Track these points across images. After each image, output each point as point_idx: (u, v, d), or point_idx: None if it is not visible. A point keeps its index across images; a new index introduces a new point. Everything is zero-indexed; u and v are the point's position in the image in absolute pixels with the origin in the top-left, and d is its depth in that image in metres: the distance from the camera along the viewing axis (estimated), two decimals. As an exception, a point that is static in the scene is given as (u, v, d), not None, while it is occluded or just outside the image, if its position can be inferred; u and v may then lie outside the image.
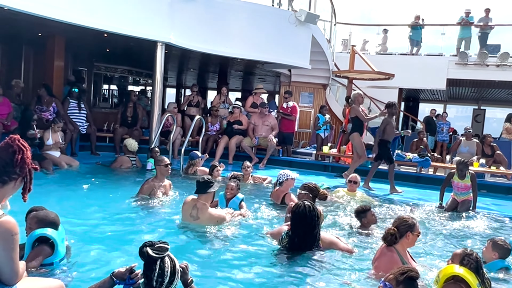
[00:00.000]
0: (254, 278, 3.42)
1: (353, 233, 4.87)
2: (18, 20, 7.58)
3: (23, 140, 2.41)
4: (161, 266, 2.35)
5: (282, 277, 3.46)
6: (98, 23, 7.68)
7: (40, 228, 3.11)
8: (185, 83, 20.42)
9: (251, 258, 3.83)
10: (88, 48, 11.18)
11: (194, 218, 4.54)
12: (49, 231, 3.11)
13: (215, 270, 3.52)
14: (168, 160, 5.90)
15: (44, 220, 3.16)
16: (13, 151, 2.33)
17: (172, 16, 8.80)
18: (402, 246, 3.58)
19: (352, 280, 3.50)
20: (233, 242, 4.25)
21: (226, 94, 11.93)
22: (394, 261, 3.49)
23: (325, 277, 3.48)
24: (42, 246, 3.10)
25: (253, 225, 4.89)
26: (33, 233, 3.09)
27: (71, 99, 9.40)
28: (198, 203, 4.58)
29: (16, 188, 2.37)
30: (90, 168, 8.26)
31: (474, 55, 14.07)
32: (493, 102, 19.86)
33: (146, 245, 2.38)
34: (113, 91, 16.90)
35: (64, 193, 5.94)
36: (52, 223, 3.17)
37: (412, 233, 3.55)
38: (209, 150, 10.37)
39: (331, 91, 13.78)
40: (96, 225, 4.49)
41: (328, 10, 12.98)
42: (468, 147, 10.13)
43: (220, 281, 3.32)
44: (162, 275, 2.35)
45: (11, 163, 2.31)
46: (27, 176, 2.37)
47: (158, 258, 2.35)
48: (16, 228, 2.25)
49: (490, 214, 6.53)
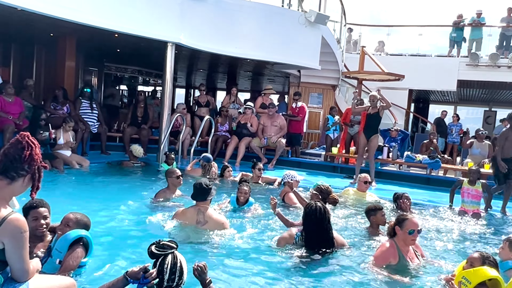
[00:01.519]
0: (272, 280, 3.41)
1: (359, 233, 4.87)
2: (30, 20, 7.67)
3: (33, 138, 2.41)
4: (170, 263, 2.37)
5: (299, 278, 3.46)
6: (109, 23, 7.74)
7: (78, 229, 3.11)
8: (194, 84, 20.47)
9: (266, 258, 3.84)
10: (99, 48, 11.28)
11: (201, 223, 4.33)
12: (84, 233, 3.12)
13: (232, 273, 3.50)
14: (179, 172, 5.80)
15: (81, 222, 3.18)
16: (21, 147, 2.33)
17: (182, 17, 8.84)
18: (399, 241, 3.66)
19: (355, 277, 3.52)
20: (248, 245, 4.21)
21: (235, 95, 11.96)
22: (386, 249, 3.63)
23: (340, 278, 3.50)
24: (80, 248, 3.08)
25: (267, 226, 4.90)
26: (72, 234, 3.08)
27: (83, 99, 9.48)
28: (202, 207, 4.38)
29: (25, 186, 2.36)
30: (101, 167, 8.33)
31: (486, 56, 13.93)
32: (504, 103, 19.63)
33: (152, 244, 2.41)
34: (123, 91, 17.02)
35: (74, 192, 6.01)
36: (87, 225, 3.21)
37: (401, 229, 3.60)
38: (218, 151, 10.39)
39: (341, 92, 13.73)
40: (106, 224, 4.51)
41: (338, 10, 12.95)
42: (480, 149, 10.04)
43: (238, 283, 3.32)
44: (162, 272, 2.37)
45: (19, 159, 2.30)
46: (36, 173, 2.36)
47: (160, 256, 2.37)
48: (25, 226, 2.26)
49: (502, 215, 6.47)
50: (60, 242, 3.08)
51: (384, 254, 3.65)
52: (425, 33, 15.92)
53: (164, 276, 2.38)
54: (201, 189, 4.35)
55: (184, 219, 4.41)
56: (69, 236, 3.07)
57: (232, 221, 4.79)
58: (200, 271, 2.56)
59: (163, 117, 9.21)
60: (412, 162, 9.57)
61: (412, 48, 16.22)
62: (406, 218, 3.68)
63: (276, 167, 9.84)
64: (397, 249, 3.62)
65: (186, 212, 4.46)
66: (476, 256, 3.18)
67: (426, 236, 4.86)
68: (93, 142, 9.76)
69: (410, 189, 8.28)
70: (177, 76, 16.83)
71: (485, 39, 14.55)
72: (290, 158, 10.74)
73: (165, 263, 2.39)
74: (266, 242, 4.29)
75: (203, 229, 4.31)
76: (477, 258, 3.15)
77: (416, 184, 9.03)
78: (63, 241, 3.07)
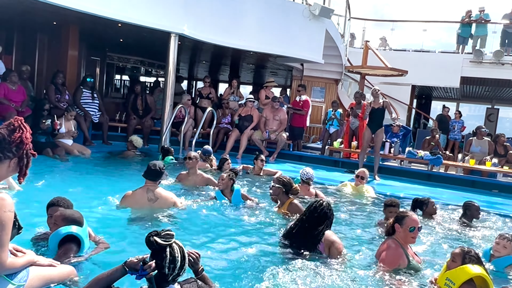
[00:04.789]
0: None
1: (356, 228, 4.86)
2: (33, 8, 7.63)
3: (26, 123, 2.37)
4: (171, 252, 2.37)
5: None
6: (113, 13, 7.70)
7: (67, 226, 3.11)
8: (196, 75, 20.43)
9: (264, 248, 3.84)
10: (102, 37, 11.23)
11: (153, 200, 4.50)
12: (74, 229, 3.10)
13: (225, 260, 3.53)
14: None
15: (69, 218, 3.17)
16: (13, 128, 2.31)
17: (186, 7, 8.80)
18: (399, 239, 3.56)
19: (359, 276, 3.43)
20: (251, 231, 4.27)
21: (236, 86, 11.94)
22: (394, 251, 3.49)
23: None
24: (70, 245, 3.09)
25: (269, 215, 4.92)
26: (60, 231, 3.08)
27: (84, 88, 9.47)
28: (151, 186, 4.54)
29: (11, 170, 2.32)
30: (102, 156, 8.34)
31: (490, 53, 13.86)
32: (507, 101, 19.58)
33: (152, 234, 2.37)
34: (125, 81, 16.98)
35: (75, 181, 6.00)
36: (77, 221, 3.19)
37: (401, 226, 3.52)
38: (219, 143, 10.39)
39: (343, 87, 13.68)
40: (106, 214, 4.50)
41: (342, 4, 12.89)
42: (480, 146, 10.03)
43: (230, 274, 3.32)
44: (174, 261, 2.36)
45: (8, 140, 2.27)
46: (24, 158, 2.32)
47: (167, 246, 2.37)
48: (9, 206, 2.20)
49: (502, 214, 6.46)
50: (50, 240, 3.11)
51: (392, 257, 3.47)
52: (429, 28, 15.88)
53: (176, 264, 2.36)
54: (155, 171, 4.52)
55: (134, 201, 4.52)
56: (58, 233, 3.08)
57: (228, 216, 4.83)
58: (193, 261, 2.57)
59: (165, 109, 9.19)
60: (413, 158, 9.56)
61: (416, 43, 16.18)
62: (406, 215, 3.57)
63: (277, 160, 9.84)
64: (403, 249, 3.50)
65: (135, 193, 4.57)
66: (457, 251, 3.10)
67: (427, 233, 4.86)
68: (94, 131, 9.76)
69: (411, 185, 8.33)
70: (180, 68, 16.80)
71: (489, 36, 14.48)
72: (291, 151, 10.74)
73: (175, 252, 2.37)
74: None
75: (156, 208, 4.48)
76: (458, 253, 3.07)
77: (417, 180, 9.02)
78: (53, 238, 3.09)
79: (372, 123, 8.72)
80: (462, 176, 9.51)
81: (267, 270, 3.31)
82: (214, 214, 4.83)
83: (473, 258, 2.99)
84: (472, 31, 14.62)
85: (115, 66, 14.87)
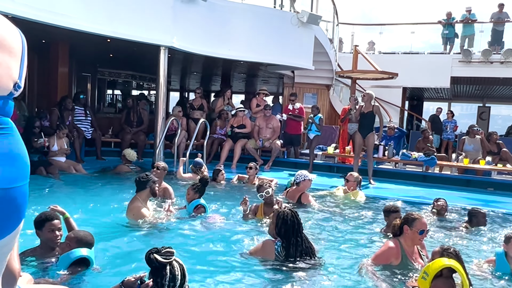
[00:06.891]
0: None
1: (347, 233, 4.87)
2: (21, 27, 7.58)
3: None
4: (171, 270, 2.35)
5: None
6: (101, 28, 7.71)
7: (79, 247, 3.17)
8: (188, 86, 20.46)
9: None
10: (92, 53, 11.24)
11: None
12: (84, 252, 3.17)
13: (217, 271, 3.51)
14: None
15: (83, 240, 3.23)
16: None
17: (174, 20, 8.82)
18: (405, 240, 3.59)
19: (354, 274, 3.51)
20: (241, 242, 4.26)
21: (229, 97, 11.94)
22: (389, 249, 3.56)
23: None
24: (80, 267, 3.17)
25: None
26: (72, 254, 3.14)
27: (76, 105, 9.44)
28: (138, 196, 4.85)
29: None
30: (95, 173, 8.29)
31: (478, 53, 14.00)
32: (498, 99, 19.76)
33: (152, 252, 2.36)
34: (117, 96, 16.97)
35: (69, 198, 5.95)
36: (90, 244, 3.25)
37: (410, 228, 3.54)
38: (214, 153, 10.38)
39: (335, 92, 13.74)
40: (101, 230, 4.46)
41: (330, 10, 12.97)
42: (472, 144, 10.08)
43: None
44: (174, 279, 2.34)
45: None
46: None
47: (167, 263, 2.35)
48: None
49: (496, 212, 6.48)
50: (61, 260, 3.17)
51: (385, 254, 3.58)
52: (417, 30, 15.98)
53: (176, 282, 2.35)
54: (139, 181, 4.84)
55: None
56: (70, 256, 3.14)
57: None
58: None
59: (157, 121, 9.18)
60: (408, 160, 9.59)
61: (404, 46, 16.29)
62: (416, 217, 3.59)
63: (272, 168, 9.84)
64: (401, 249, 3.55)
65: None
66: (437, 249, 3.19)
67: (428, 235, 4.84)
68: (87, 148, 9.71)
69: (407, 187, 8.35)
70: (171, 80, 16.82)
71: (477, 35, 14.63)
72: (286, 159, 10.74)
73: (175, 269, 2.36)
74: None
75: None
76: (437, 251, 3.15)
77: (413, 182, 9.05)
78: (64, 259, 3.15)
79: (362, 127, 8.71)
80: (457, 175, 9.55)
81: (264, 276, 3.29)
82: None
83: (451, 254, 3.05)
84: (456, 31, 14.77)
85: (106, 81, 14.89)
